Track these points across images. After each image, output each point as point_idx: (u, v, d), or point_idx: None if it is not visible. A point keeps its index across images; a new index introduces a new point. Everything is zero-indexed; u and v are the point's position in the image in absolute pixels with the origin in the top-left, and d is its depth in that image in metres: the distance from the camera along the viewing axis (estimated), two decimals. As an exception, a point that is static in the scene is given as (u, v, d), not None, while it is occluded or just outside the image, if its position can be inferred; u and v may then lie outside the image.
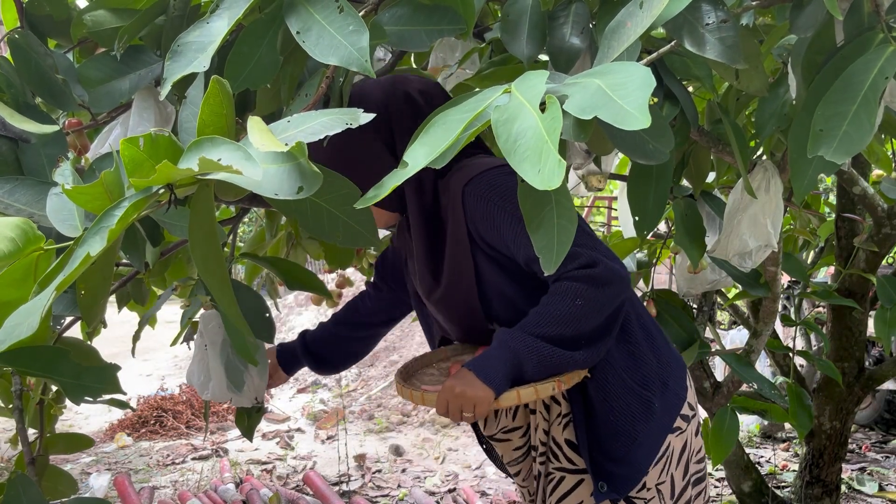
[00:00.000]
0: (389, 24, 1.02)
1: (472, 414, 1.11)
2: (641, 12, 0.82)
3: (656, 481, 1.27)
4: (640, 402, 1.25)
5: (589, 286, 1.11)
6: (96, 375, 1.05)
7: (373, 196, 0.75)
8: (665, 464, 1.27)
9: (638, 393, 1.25)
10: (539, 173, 0.62)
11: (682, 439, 1.30)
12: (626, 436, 1.24)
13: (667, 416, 1.27)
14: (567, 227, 0.82)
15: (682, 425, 1.30)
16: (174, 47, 0.91)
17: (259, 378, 1.51)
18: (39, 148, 1.17)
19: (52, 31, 1.38)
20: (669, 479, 1.29)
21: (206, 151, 0.68)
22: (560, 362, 1.12)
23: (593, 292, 1.11)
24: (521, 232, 1.15)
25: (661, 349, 1.32)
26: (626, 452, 1.24)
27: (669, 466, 1.28)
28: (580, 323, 1.12)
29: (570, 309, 1.11)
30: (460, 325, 1.35)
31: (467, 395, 1.10)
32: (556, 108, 0.65)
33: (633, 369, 1.26)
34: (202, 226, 0.79)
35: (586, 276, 1.11)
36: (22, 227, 0.79)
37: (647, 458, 1.25)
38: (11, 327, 0.67)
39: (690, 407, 1.33)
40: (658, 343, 1.32)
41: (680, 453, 1.30)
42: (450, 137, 0.70)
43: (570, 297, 1.11)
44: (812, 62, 1.09)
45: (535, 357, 1.11)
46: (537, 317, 1.13)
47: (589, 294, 1.11)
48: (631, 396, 1.24)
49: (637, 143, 0.99)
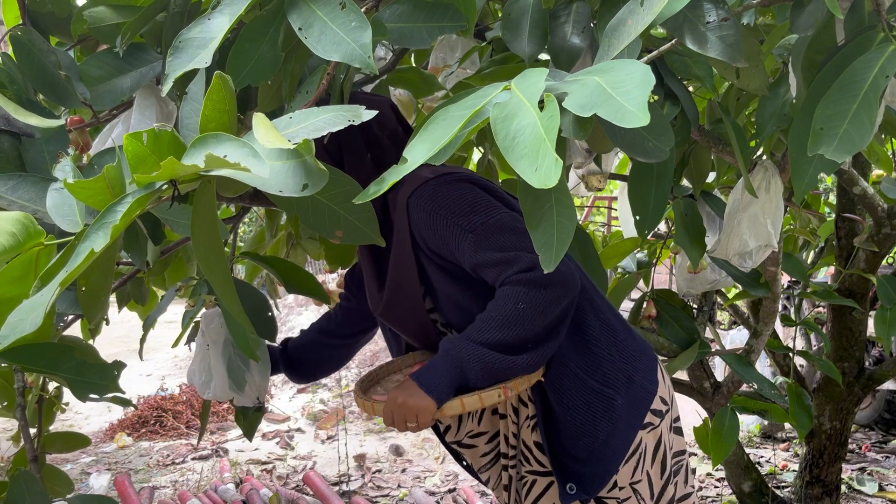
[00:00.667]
0: (390, 21, 1.02)
1: (415, 424, 1.10)
2: (642, 10, 0.82)
3: (630, 480, 1.24)
4: (601, 400, 1.21)
5: (530, 289, 1.09)
6: (100, 372, 1.06)
7: (374, 191, 0.75)
8: (638, 461, 1.24)
9: (598, 390, 1.22)
10: (536, 171, 0.62)
11: (655, 435, 1.26)
12: (588, 435, 1.21)
13: (634, 413, 1.24)
14: (567, 225, 0.82)
15: (655, 420, 1.26)
16: (176, 43, 0.91)
17: (260, 377, 1.51)
18: (42, 144, 1.18)
19: (53, 27, 1.39)
20: (646, 478, 1.26)
21: (212, 148, 0.68)
22: (503, 368, 1.10)
23: (535, 294, 1.09)
24: (464, 239, 1.15)
25: (625, 343, 1.28)
26: (590, 452, 1.22)
27: (643, 464, 1.25)
28: (523, 327, 1.10)
29: (513, 313, 1.09)
30: (414, 335, 1.34)
31: (409, 405, 1.09)
32: (554, 106, 0.65)
33: (591, 367, 1.23)
34: (204, 222, 0.79)
35: (527, 279, 1.10)
36: (22, 221, 0.79)
37: (614, 457, 1.22)
38: (15, 323, 0.67)
39: (663, 402, 1.29)
40: (620, 337, 1.28)
41: (654, 450, 1.26)
42: (449, 134, 0.70)
43: (511, 302, 1.10)
44: (812, 61, 1.09)
45: (478, 364, 1.10)
46: (480, 323, 1.12)
47: (530, 297, 1.09)
48: (590, 395, 1.21)
49: (637, 141, 0.99)
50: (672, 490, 1.30)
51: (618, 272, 2.35)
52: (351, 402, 5.39)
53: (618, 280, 2.29)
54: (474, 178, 1.25)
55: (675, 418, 1.33)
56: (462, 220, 1.15)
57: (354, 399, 1.25)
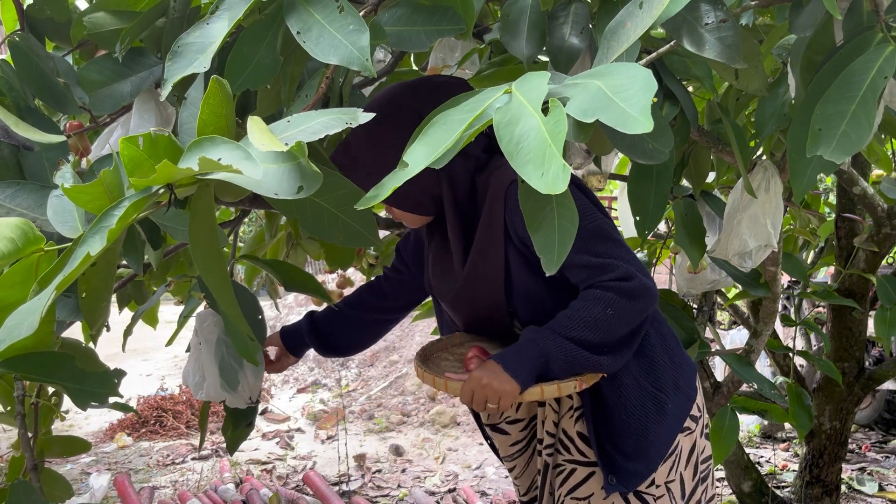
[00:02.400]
0: (389, 24, 1.02)
1: (496, 405, 1.14)
2: (641, 12, 0.82)
3: (665, 479, 1.30)
4: (655, 403, 1.28)
5: (621, 297, 1.15)
6: (99, 380, 1.05)
7: (373, 196, 0.75)
8: (674, 462, 1.30)
9: (652, 394, 1.28)
10: (542, 177, 0.62)
11: (692, 439, 1.33)
12: (637, 434, 1.27)
13: (678, 416, 1.30)
14: (568, 229, 0.82)
15: (692, 425, 1.33)
16: (174, 48, 0.91)
17: (254, 378, 1.49)
18: (41, 152, 1.17)
19: (51, 33, 1.38)
20: (679, 478, 1.31)
21: (207, 151, 0.68)
22: (585, 364, 1.16)
23: (625, 304, 1.15)
24: None
25: (674, 352, 1.34)
26: (636, 449, 1.27)
27: (678, 465, 1.31)
28: (608, 331, 1.15)
29: (601, 316, 1.14)
30: (477, 318, 1.36)
31: (493, 386, 1.13)
32: (561, 112, 0.64)
33: (647, 371, 1.29)
34: (202, 226, 0.79)
35: (620, 288, 1.15)
36: (22, 227, 0.78)
37: (657, 456, 1.28)
38: (11, 327, 0.67)
39: (699, 408, 1.36)
40: (671, 346, 1.34)
41: (689, 453, 1.33)
42: (451, 138, 0.70)
43: (601, 305, 1.15)
44: (811, 62, 1.09)
45: (563, 357, 1.15)
46: (567, 320, 1.16)
47: (620, 305, 1.15)
48: (645, 396, 1.27)
49: (637, 142, 0.99)
50: (700, 493, 1.37)
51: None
52: (351, 402, 5.39)
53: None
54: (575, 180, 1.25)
55: (707, 424, 1.40)
56: None
57: (418, 374, 1.26)
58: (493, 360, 1.17)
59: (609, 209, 7.98)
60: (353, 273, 3.21)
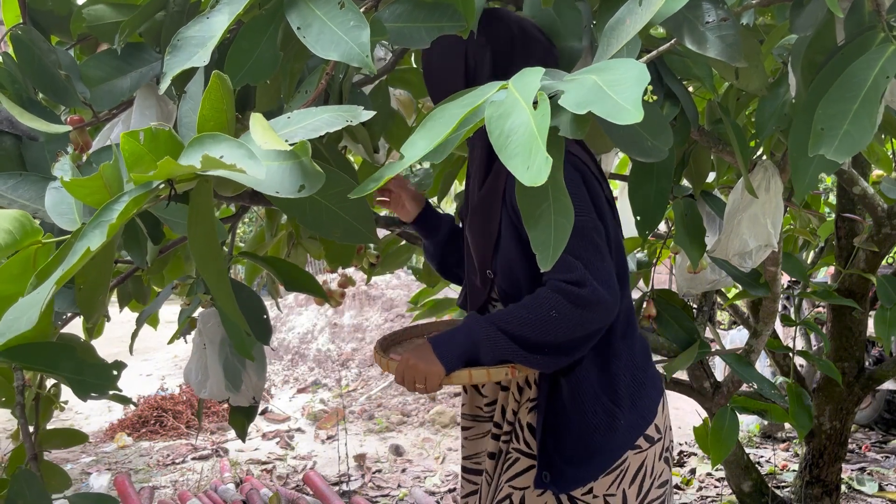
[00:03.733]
0: (389, 20, 1.02)
1: (423, 386, 1.17)
2: (640, 9, 0.82)
3: (605, 491, 1.28)
4: (607, 416, 1.26)
5: (568, 303, 1.13)
6: (98, 372, 1.06)
7: (371, 187, 0.75)
8: (618, 477, 1.28)
9: (607, 406, 1.26)
10: (528, 170, 0.62)
11: (641, 458, 1.30)
12: (582, 440, 1.26)
13: (629, 434, 1.28)
14: (564, 225, 0.82)
15: (644, 445, 1.30)
16: (174, 42, 0.91)
17: (257, 377, 1.50)
18: (44, 143, 1.18)
19: (53, 26, 1.39)
20: (621, 494, 1.29)
21: (209, 148, 0.68)
22: (515, 360, 1.16)
23: (570, 310, 1.13)
24: None
25: (640, 372, 1.32)
26: (576, 454, 1.26)
27: (622, 481, 1.29)
28: (548, 333, 1.14)
29: (544, 317, 1.13)
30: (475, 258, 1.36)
31: (419, 367, 1.16)
32: (546, 105, 0.65)
33: (607, 384, 1.27)
34: (201, 221, 0.79)
35: (569, 292, 1.13)
36: (20, 219, 0.79)
37: (597, 467, 1.26)
38: (11, 321, 0.67)
39: (658, 430, 1.32)
40: (638, 365, 1.32)
41: (636, 472, 1.30)
42: (447, 130, 0.70)
43: (547, 307, 1.13)
44: (812, 61, 1.09)
45: (492, 348, 1.16)
46: (509, 314, 1.17)
47: (566, 310, 1.13)
48: (598, 407, 1.26)
49: (636, 140, 0.99)
50: None
51: (618, 272, 2.34)
52: (351, 402, 5.39)
53: (618, 280, 2.28)
54: (586, 171, 1.23)
55: (667, 448, 1.36)
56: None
57: (374, 355, 1.32)
58: (428, 341, 1.19)
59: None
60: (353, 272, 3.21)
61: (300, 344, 6.60)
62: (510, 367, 1.17)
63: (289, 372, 6.27)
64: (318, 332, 6.64)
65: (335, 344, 6.48)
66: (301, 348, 6.56)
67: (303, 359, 6.44)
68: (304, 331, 6.72)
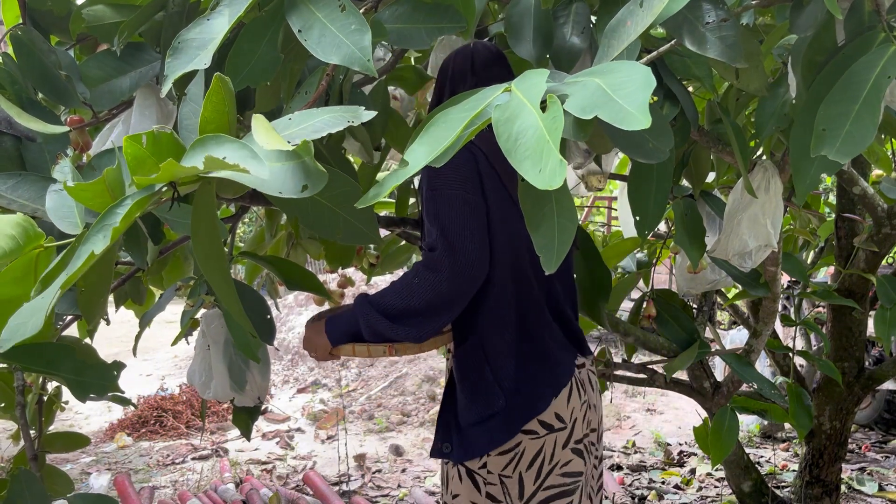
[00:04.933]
0: (390, 21, 1.02)
1: (315, 355, 1.33)
2: (641, 11, 0.82)
3: (500, 471, 1.34)
4: (486, 393, 1.34)
5: (424, 268, 1.24)
6: (99, 372, 1.06)
7: (374, 195, 0.75)
8: (513, 459, 1.34)
9: (488, 385, 1.34)
10: (540, 173, 0.62)
11: (538, 444, 1.35)
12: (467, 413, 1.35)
13: (514, 418, 1.34)
14: (567, 226, 0.82)
15: (540, 431, 1.35)
16: (175, 44, 0.91)
17: (261, 377, 1.51)
18: (43, 144, 1.18)
19: (53, 26, 1.39)
20: (517, 477, 1.34)
21: (212, 150, 0.68)
22: (385, 332, 1.25)
23: (425, 274, 1.23)
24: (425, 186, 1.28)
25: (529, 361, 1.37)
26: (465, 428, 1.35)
27: (518, 464, 1.34)
28: (409, 299, 1.23)
29: (406, 284, 1.24)
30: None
31: (312, 340, 1.33)
32: (558, 108, 0.65)
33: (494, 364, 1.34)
34: (204, 222, 0.79)
35: (425, 257, 1.25)
36: (22, 224, 0.78)
37: (485, 444, 1.33)
38: (16, 327, 0.67)
39: (560, 420, 1.36)
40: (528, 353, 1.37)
41: (534, 457, 1.35)
42: (450, 136, 0.70)
43: (411, 275, 1.25)
44: (812, 62, 1.09)
45: (365, 323, 1.26)
46: (386, 288, 1.27)
47: (423, 274, 1.23)
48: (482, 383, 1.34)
49: (637, 141, 0.99)
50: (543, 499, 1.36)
51: (618, 272, 2.35)
52: (351, 402, 5.39)
53: (618, 280, 2.29)
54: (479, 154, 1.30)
55: (578, 439, 1.39)
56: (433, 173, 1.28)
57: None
58: (324, 318, 1.34)
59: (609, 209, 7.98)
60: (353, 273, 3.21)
61: (300, 344, 6.60)
62: (388, 346, 1.29)
63: (289, 372, 6.27)
64: (318, 332, 6.62)
65: (335, 344, 6.46)
66: (301, 348, 6.56)
67: (303, 359, 6.44)
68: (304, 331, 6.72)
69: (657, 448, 4.26)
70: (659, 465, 3.94)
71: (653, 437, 4.45)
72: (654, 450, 4.24)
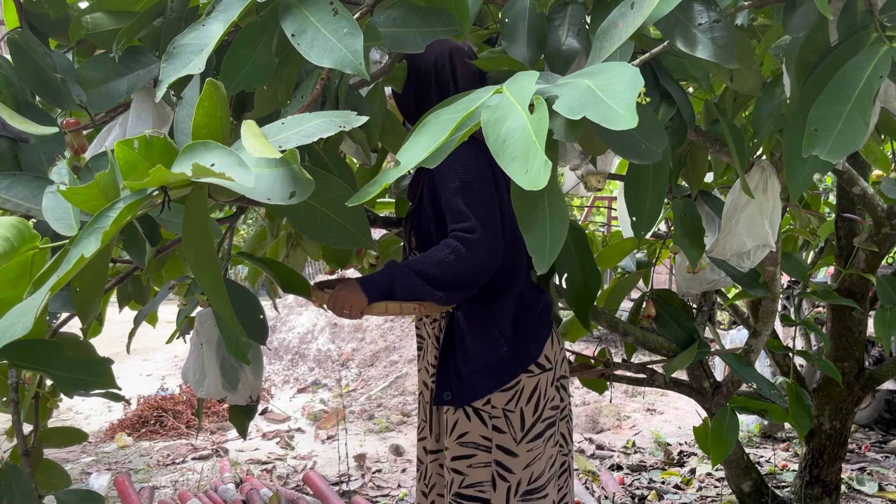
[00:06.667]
0: (384, 25, 1.02)
1: (348, 312, 1.43)
2: (633, 12, 0.82)
3: (504, 405, 1.57)
4: (490, 342, 1.55)
5: (462, 246, 1.42)
6: (89, 369, 1.06)
7: (367, 194, 0.75)
8: (514, 395, 1.57)
9: (492, 335, 1.55)
10: (526, 174, 0.62)
11: (534, 381, 1.59)
12: (473, 363, 1.55)
13: (516, 362, 1.57)
14: (559, 227, 0.83)
15: (535, 370, 1.59)
16: (170, 49, 0.91)
17: (254, 376, 1.51)
18: (38, 145, 1.18)
19: (51, 30, 1.39)
20: (519, 411, 1.57)
21: (200, 156, 0.68)
22: (421, 293, 1.43)
23: (464, 252, 1.42)
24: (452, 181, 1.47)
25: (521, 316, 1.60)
26: (469, 375, 1.55)
27: (519, 399, 1.57)
28: (447, 271, 1.42)
29: (444, 258, 1.42)
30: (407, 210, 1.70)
31: (348, 297, 1.43)
32: (543, 109, 0.65)
33: (491, 318, 1.56)
34: (195, 226, 0.79)
35: (464, 238, 1.43)
36: (17, 226, 0.79)
37: (490, 384, 1.55)
38: (6, 327, 0.68)
39: (549, 360, 1.62)
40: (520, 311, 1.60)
41: (532, 392, 1.59)
42: (442, 136, 0.70)
43: (447, 250, 1.43)
44: (805, 62, 1.09)
45: (404, 282, 1.43)
46: (420, 258, 1.45)
47: (460, 252, 1.42)
48: (485, 335, 1.55)
49: (630, 142, 0.99)
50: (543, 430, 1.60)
51: (617, 272, 2.35)
52: (351, 402, 5.40)
53: (617, 280, 2.29)
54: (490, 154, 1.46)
55: (559, 377, 1.67)
56: (462, 169, 1.48)
57: (311, 291, 1.51)
58: (357, 280, 1.46)
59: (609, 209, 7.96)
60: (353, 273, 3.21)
61: (300, 344, 6.61)
62: (418, 303, 1.44)
63: (289, 372, 6.28)
64: (318, 332, 6.65)
65: (335, 344, 6.49)
66: (301, 348, 6.58)
67: (303, 359, 6.45)
68: (304, 331, 6.73)
69: (657, 448, 4.26)
70: (659, 465, 3.94)
71: (653, 437, 4.45)
72: (654, 450, 4.24)
